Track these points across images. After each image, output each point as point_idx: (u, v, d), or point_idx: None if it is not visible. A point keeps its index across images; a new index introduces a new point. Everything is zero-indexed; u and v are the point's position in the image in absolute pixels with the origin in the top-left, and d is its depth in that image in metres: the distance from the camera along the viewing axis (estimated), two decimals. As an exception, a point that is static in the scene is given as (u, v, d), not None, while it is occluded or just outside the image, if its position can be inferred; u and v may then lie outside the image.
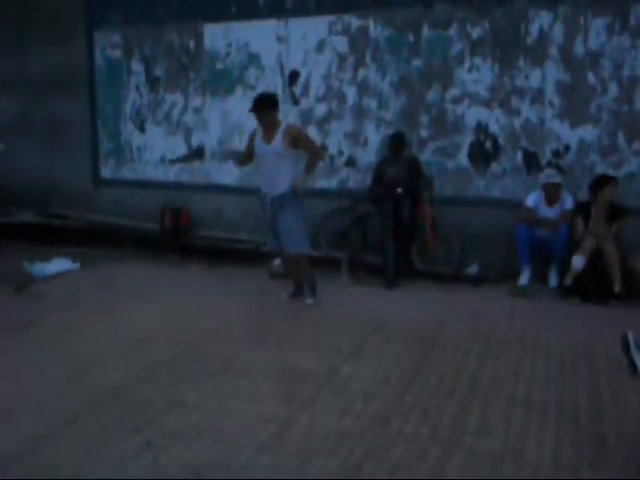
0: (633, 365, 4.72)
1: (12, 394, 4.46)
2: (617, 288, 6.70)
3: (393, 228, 7.53)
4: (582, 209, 7.12)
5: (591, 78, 7.37)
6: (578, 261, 6.86)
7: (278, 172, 6.25)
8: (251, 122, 8.65)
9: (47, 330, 5.80)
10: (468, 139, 7.88)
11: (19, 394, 4.47)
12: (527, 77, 7.57)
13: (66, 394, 4.46)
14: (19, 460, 3.64)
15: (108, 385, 4.58)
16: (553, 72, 7.48)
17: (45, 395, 4.45)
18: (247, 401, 4.35)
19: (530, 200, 7.29)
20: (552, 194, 7.20)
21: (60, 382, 4.62)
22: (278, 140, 6.18)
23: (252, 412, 4.19)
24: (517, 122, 7.67)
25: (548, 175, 7.24)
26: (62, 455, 3.69)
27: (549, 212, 7.24)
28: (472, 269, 7.68)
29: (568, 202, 7.23)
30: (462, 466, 3.58)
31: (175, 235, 8.89)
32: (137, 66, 9.38)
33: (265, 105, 6.20)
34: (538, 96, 7.56)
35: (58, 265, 8.00)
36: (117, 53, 9.48)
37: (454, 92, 7.87)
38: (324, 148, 6.14)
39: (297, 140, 6.25)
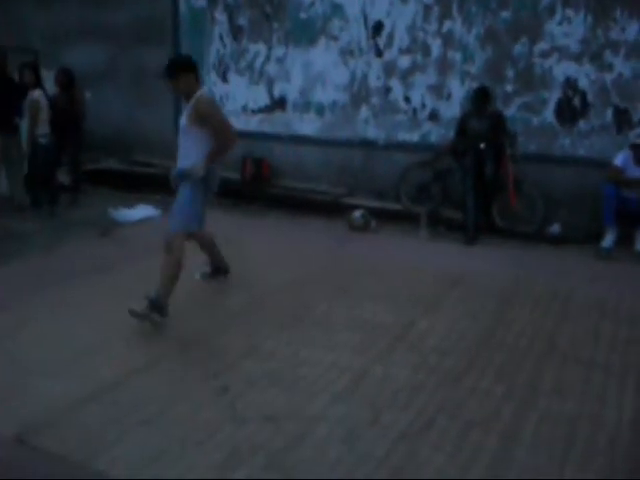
0: None
1: (93, 335, 4.64)
2: None
3: (475, 183, 7.41)
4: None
5: (691, 32, 7.01)
6: None
7: (183, 148, 5.19)
8: (334, 74, 8.68)
9: (129, 274, 5.96)
10: (555, 95, 7.63)
11: (99, 335, 4.63)
12: (623, 29, 7.24)
13: (144, 338, 4.60)
14: (101, 398, 3.79)
15: (188, 331, 4.70)
16: (651, 24, 7.14)
17: (123, 338, 4.60)
18: (322, 351, 4.41)
19: (619, 159, 7.04)
20: (642, 154, 6.94)
21: (138, 326, 4.74)
22: (186, 113, 5.06)
23: (327, 362, 4.24)
24: (609, 77, 7.37)
25: (638, 134, 6.97)
26: (141, 397, 3.82)
27: (638, 172, 6.98)
28: (554, 229, 7.51)
29: (659, 162, 6.95)
30: (536, 426, 3.55)
31: (256, 185, 8.96)
32: (220, 15, 9.39)
33: (173, 70, 5.02)
34: (634, 50, 7.23)
35: (141, 211, 8.18)
36: (201, 2, 9.50)
37: (543, 45, 7.61)
38: (235, 135, 4.93)
39: (203, 117, 5.02)
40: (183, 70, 5.01)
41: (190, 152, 5.11)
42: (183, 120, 5.11)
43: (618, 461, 3.26)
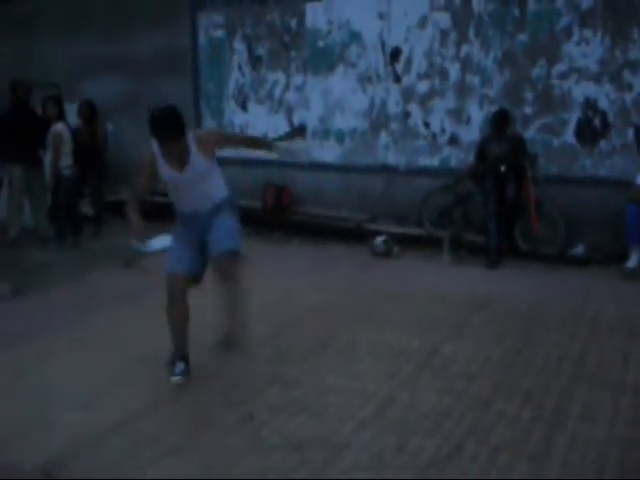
0: None
1: (118, 366, 4.65)
2: None
3: (496, 207, 7.39)
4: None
5: None
6: None
7: (202, 191, 4.66)
8: (353, 101, 8.73)
9: (152, 305, 5.95)
10: (575, 116, 7.62)
11: (124, 366, 4.65)
12: (642, 50, 7.24)
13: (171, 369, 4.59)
14: (126, 428, 3.79)
15: (211, 360, 4.67)
16: (670, 44, 7.13)
17: (148, 368, 4.60)
18: (348, 378, 4.38)
19: (641, 179, 7.00)
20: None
21: (163, 356, 4.73)
22: (196, 161, 4.48)
23: (353, 388, 4.22)
24: (629, 97, 7.35)
25: None
26: (166, 425, 3.82)
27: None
28: (577, 250, 7.46)
29: (683, 181, 6.90)
30: (565, 450, 3.50)
31: (277, 213, 8.99)
32: (239, 45, 9.50)
33: (173, 132, 4.38)
34: (653, 70, 7.23)
35: (163, 241, 8.19)
36: (220, 33, 9.62)
37: (561, 67, 7.62)
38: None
39: (218, 141, 4.86)
40: (181, 133, 4.37)
41: (215, 185, 4.74)
42: (196, 172, 4.48)
43: (651, 485, 3.21)
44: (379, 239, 7.81)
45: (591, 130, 7.58)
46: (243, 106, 9.63)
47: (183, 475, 3.32)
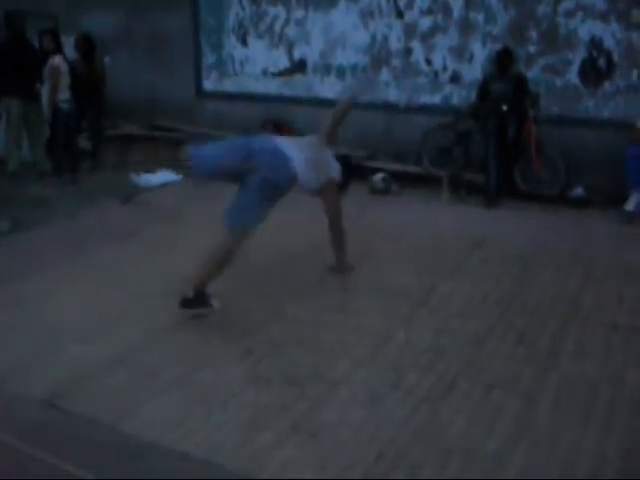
0: None
1: (116, 301, 4.68)
2: None
3: (497, 146, 7.35)
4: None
5: None
6: None
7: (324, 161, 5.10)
8: (355, 36, 8.58)
9: (149, 240, 5.99)
10: (580, 55, 7.51)
11: (122, 301, 4.68)
12: (652, -14, 7.10)
13: (166, 303, 4.59)
14: (126, 361, 3.85)
15: (211, 294, 4.72)
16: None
17: (146, 303, 4.64)
18: (345, 315, 4.43)
19: (643, 121, 6.95)
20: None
21: (161, 291, 4.77)
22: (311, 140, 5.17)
23: (349, 325, 4.27)
24: (636, 37, 7.23)
25: None
26: (166, 359, 3.88)
27: (663, 134, 6.89)
28: (577, 191, 7.44)
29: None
30: (557, 389, 3.57)
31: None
32: (240, -23, 9.31)
33: None
34: (663, 8, 7.10)
35: (162, 176, 8.20)
36: (220, -36, 9.41)
37: (567, 5, 7.47)
38: None
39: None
40: None
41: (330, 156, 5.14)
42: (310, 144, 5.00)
43: (639, 423, 3.27)
44: (378, 176, 7.79)
45: (595, 70, 7.48)
46: (243, 41, 9.48)
47: (182, 409, 3.38)
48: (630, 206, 6.91)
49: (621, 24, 7.25)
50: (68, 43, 8.87)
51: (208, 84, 9.87)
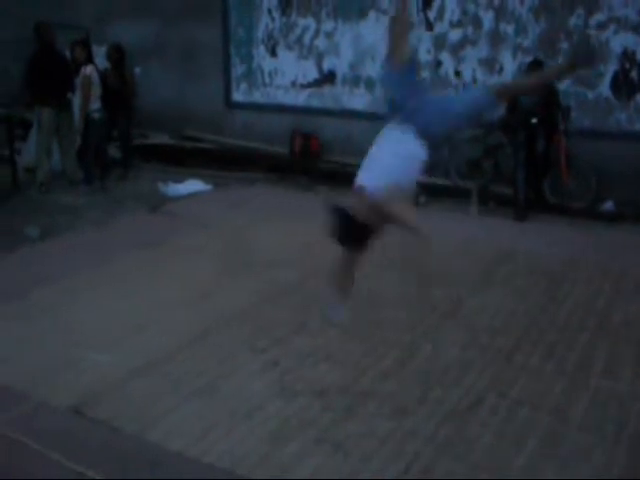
0: None
1: (144, 309, 4.71)
2: None
3: (526, 159, 7.29)
4: None
5: None
6: None
7: None
8: (384, 48, 8.54)
9: (178, 249, 6.03)
10: (612, 68, 7.44)
11: (150, 309, 4.71)
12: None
13: (194, 312, 4.64)
14: (152, 371, 3.86)
15: (236, 305, 4.74)
16: None
17: (174, 312, 4.66)
18: (372, 327, 4.41)
19: (676, 134, 6.87)
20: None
21: (189, 300, 4.81)
22: None
23: (377, 338, 4.25)
24: (668, 50, 7.17)
25: None
26: (191, 369, 3.88)
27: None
28: (607, 205, 7.36)
29: None
30: (587, 405, 3.52)
31: (304, 159, 8.95)
32: (270, -11, 9.35)
33: None
34: (694, 21, 7.02)
35: (191, 186, 8.26)
36: (250, -24, 9.46)
37: (599, 17, 7.41)
38: None
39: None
40: None
41: None
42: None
43: (671, 443, 3.22)
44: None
45: (628, 83, 7.41)
46: (272, 51, 9.52)
47: (206, 419, 3.38)
48: (661, 221, 6.83)
49: (654, 36, 7.19)
50: (99, 54, 8.98)
51: (237, 95, 9.92)
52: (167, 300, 4.83)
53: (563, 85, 7.57)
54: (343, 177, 8.48)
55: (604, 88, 7.48)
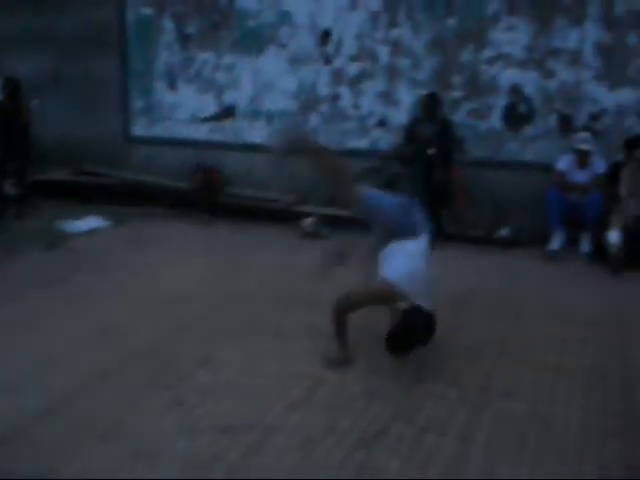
0: None
1: (44, 349, 4.55)
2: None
3: (424, 190, 7.48)
4: (613, 171, 7.00)
5: (631, 39, 7.21)
6: (615, 237, 6.53)
7: None
8: (283, 82, 8.68)
9: (77, 287, 5.88)
10: (502, 101, 7.77)
11: (51, 349, 4.55)
12: (565, 37, 7.42)
13: (97, 351, 4.52)
14: (56, 413, 3.73)
15: (137, 342, 4.65)
16: (592, 32, 7.33)
17: (76, 351, 4.52)
18: (277, 360, 4.40)
19: (561, 163, 7.20)
20: (583, 159, 7.09)
21: (90, 339, 4.69)
22: None
23: (282, 370, 4.24)
24: (553, 84, 7.54)
25: (580, 139, 7.11)
26: (96, 410, 3.77)
27: (580, 176, 7.13)
28: (504, 232, 7.62)
29: (600, 166, 7.12)
30: (490, 428, 3.60)
31: (206, 194, 8.90)
32: (168, 23, 9.32)
33: None
34: (575, 57, 7.42)
35: (90, 223, 8.08)
36: (148, 10, 9.41)
37: (489, 52, 7.75)
38: None
39: None
40: None
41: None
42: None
43: (568, 460, 3.32)
44: (308, 220, 7.84)
45: (517, 115, 7.75)
46: (172, 85, 9.47)
47: (113, 461, 3.28)
48: (553, 245, 7.12)
49: (538, 72, 7.54)
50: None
51: (137, 129, 9.80)
52: (69, 339, 4.69)
53: (457, 117, 7.85)
54: (245, 211, 8.52)
55: (495, 120, 7.79)
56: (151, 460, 3.28)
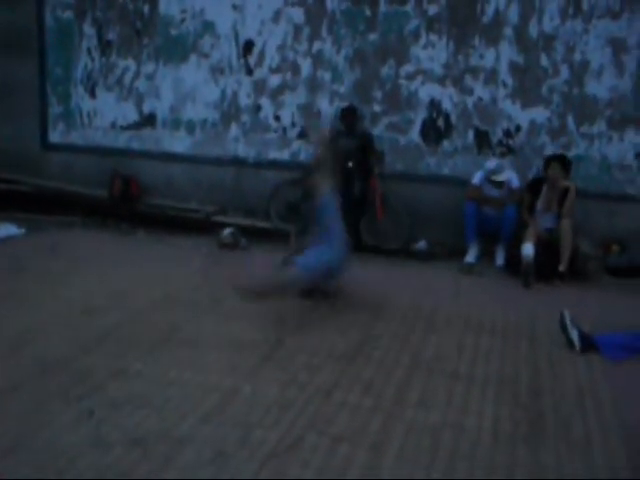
0: (570, 341, 4.91)
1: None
2: (562, 267, 6.76)
3: (343, 202, 7.51)
4: (533, 186, 7.20)
5: (544, 60, 7.46)
6: (528, 249, 6.66)
7: None
8: (205, 91, 8.64)
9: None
10: (421, 116, 7.92)
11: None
12: (481, 56, 7.63)
13: (7, 362, 4.38)
14: (-43, 427, 3.59)
15: (50, 354, 4.51)
16: (507, 52, 7.56)
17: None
18: (191, 371, 4.35)
19: (477, 178, 7.36)
20: (496, 184, 7.26)
21: (1, 350, 4.55)
22: None
23: (196, 382, 4.19)
24: (470, 100, 7.74)
25: (492, 171, 7.23)
26: (2, 424, 3.64)
27: (495, 191, 7.32)
28: (420, 245, 7.74)
29: (514, 182, 7.31)
30: (403, 437, 3.64)
31: (124, 203, 8.76)
32: (89, 29, 9.15)
33: None
34: (491, 76, 7.64)
35: (3, 230, 7.84)
36: (68, 14, 9.22)
37: (408, 68, 7.89)
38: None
39: None
40: None
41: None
42: None
43: (479, 466, 3.39)
44: (226, 231, 7.80)
45: (435, 130, 7.90)
46: (92, 92, 9.29)
47: (15, 478, 3.17)
48: (469, 258, 7.27)
49: (456, 88, 7.72)
50: None
51: (55, 136, 9.57)
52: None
53: (377, 130, 7.95)
54: (163, 220, 8.42)
55: (414, 134, 7.93)
56: (56, 476, 3.18)
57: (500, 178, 7.20)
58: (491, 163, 7.30)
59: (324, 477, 3.25)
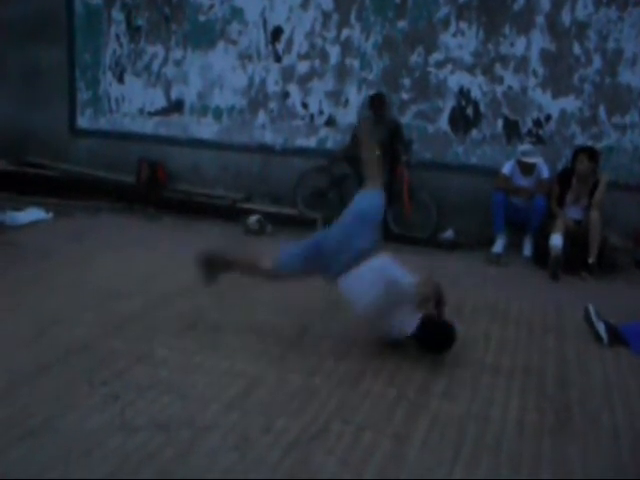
0: (597, 334, 4.85)
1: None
2: (592, 259, 6.68)
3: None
4: (563, 177, 7.11)
5: (576, 49, 7.35)
6: (557, 240, 6.63)
7: None
8: (233, 78, 8.63)
9: (16, 280, 5.74)
10: (449, 104, 7.85)
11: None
12: (512, 44, 7.54)
13: (34, 346, 4.41)
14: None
15: (76, 338, 4.54)
16: (538, 41, 7.46)
17: (12, 346, 4.40)
18: (216, 357, 4.35)
19: (506, 168, 7.29)
20: (527, 169, 7.19)
21: (28, 334, 4.58)
22: None
23: (221, 368, 4.20)
24: (499, 89, 7.65)
25: (524, 152, 7.19)
26: (30, 406, 3.67)
27: (524, 182, 7.25)
28: (448, 234, 7.70)
29: (544, 172, 7.23)
30: (427, 427, 3.61)
31: (151, 188, 8.80)
32: (118, 15, 9.18)
33: None
34: (522, 64, 7.54)
35: (31, 214, 7.90)
36: (97, 0, 9.26)
37: (437, 56, 7.82)
38: None
39: None
40: None
41: None
42: None
43: (504, 459, 3.35)
44: (253, 218, 7.81)
45: (464, 119, 7.83)
46: (120, 78, 9.33)
47: (41, 462, 3.19)
48: (496, 248, 7.21)
49: (486, 77, 7.63)
50: None
51: (83, 121, 9.63)
52: (4, 335, 4.56)
53: (405, 118, 7.89)
54: (190, 206, 8.44)
55: (443, 123, 7.86)
56: (82, 458, 3.20)
57: (531, 160, 7.10)
58: (525, 146, 7.25)
59: (348, 465, 3.24)
